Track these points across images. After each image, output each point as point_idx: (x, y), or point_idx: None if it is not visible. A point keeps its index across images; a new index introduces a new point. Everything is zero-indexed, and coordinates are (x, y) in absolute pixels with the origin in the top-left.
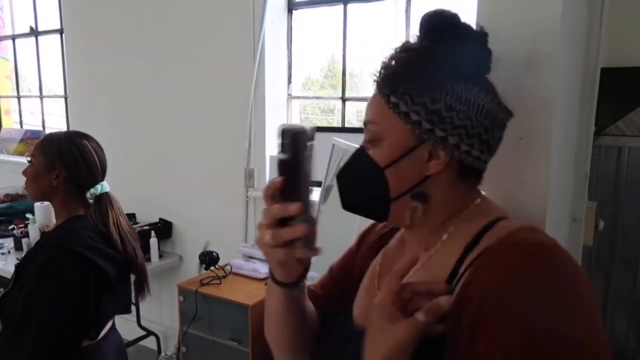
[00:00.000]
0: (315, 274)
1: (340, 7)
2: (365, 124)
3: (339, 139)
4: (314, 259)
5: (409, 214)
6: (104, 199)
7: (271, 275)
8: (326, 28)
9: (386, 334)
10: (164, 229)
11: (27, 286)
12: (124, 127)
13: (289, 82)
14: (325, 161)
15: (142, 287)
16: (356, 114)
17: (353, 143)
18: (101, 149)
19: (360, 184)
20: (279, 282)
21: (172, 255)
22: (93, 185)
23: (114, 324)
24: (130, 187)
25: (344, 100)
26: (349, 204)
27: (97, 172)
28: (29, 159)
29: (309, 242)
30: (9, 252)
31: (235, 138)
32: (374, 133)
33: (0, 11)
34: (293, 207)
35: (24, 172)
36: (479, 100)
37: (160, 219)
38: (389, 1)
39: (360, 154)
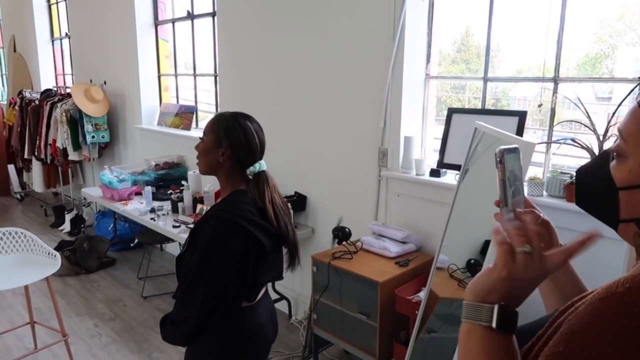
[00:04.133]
0: (446, 257)
1: None
2: (618, 130)
3: (481, 123)
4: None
5: (633, 241)
6: (261, 177)
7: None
8: (465, 2)
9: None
10: (299, 201)
11: (198, 250)
12: (266, 104)
13: (428, 61)
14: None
15: (293, 258)
16: (492, 93)
17: (494, 127)
18: (262, 131)
19: (594, 191)
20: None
21: (305, 228)
22: (252, 163)
23: (267, 289)
24: (269, 161)
25: (485, 80)
26: (581, 204)
27: (257, 151)
28: (201, 136)
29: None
30: (167, 213)
31: (371, 117)
32: (620, 148)
33: None
34: None
35: (196, 147)
36: None
37: (296, 192)
38: None
39: (602, 162)
